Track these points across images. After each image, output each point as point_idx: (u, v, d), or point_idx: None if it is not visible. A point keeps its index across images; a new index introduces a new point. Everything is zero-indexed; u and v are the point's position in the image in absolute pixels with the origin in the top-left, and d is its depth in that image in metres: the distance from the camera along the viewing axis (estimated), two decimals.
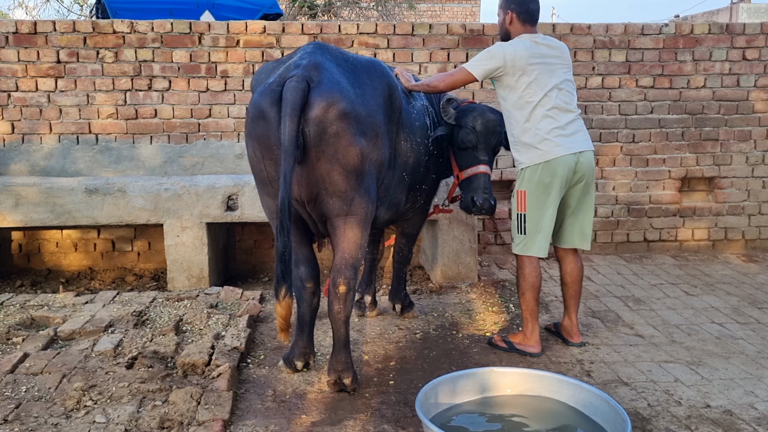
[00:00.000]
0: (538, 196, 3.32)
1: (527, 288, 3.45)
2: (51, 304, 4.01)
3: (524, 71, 3.27)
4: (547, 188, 3.31)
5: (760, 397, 3.01)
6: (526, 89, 3.28)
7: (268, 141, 2.78)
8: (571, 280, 3.58)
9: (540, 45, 3.34)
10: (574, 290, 3.58)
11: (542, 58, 3.31)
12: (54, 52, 5.19)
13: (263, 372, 3.25)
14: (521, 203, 3.38)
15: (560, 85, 3.32)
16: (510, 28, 3.42)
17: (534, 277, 3.43)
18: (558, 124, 3.29)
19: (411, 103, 3.51)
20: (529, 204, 3.35)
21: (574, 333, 3.60)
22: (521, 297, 3.48)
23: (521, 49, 3.29)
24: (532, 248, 3.39)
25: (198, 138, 5.38)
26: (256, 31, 5.29)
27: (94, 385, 2.90)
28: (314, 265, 3.18)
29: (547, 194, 3.32)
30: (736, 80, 5.65)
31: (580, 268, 3.58)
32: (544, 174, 3.29)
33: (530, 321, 3.46)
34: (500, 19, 3.47)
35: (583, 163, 3.34)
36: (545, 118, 3.28)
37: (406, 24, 5.42)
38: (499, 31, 3.51)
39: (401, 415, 2.82)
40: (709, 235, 5.76)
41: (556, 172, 3.28)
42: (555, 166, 3.27)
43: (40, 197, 4.56)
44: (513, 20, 3.40)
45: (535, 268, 3.44)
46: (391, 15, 15.54)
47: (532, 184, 3.32)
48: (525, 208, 3.37)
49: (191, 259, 4.63)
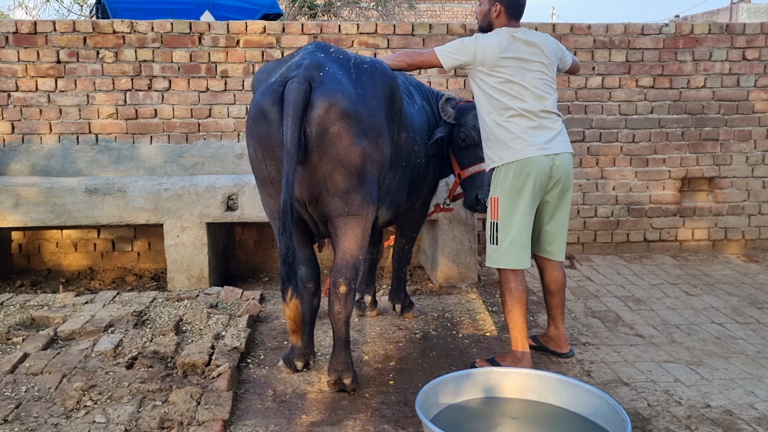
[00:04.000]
0: (511, 202, 3.11)
1: (514, 304, 3.17)
2: (51, 304, 4.01)
3: (494, 67, 3.08)
4: (519, 192, 3.09)
5: (760, 397, 3.01)
6: (499, 85, 3.09)
7: (270, 141, 2.78)
8: (556, 288, 3.38)
9: (517, 40, 3.13)
10: (560, 298, 3.40)
11: (517, 53, 3.10)
12: (54, 52, 5.19)
13: (263, 372, 3.25)
14: (494, 211, 3.16)
15: (536, 84, 3.12)
16: (495, 20, 3.21)
17: (521, 291, 3.16)
18: (531, 124, 3.09)
19: (412, 103, 3.52)
20: (502, 211, 3.13)
21: (563, 343, 3.43)
22: (508, 314, 3.19)
23: (494, 44, 3.10)
24: (505, 260, 3.15)
25: (198, 138, 5.38)
26: (256, 31, 5.29)
27: (94, 385, 2.90)
28: (314, 265, 3.19)
29: (519, 199, 3.10)
30: (736, 80, 5.65)
31: (564, 275, 3.41)
32: (517, 176, 3.08)
33: (520, 341, 3.18)
34: (484, 8, 3.24)
35: (559, 167, 3.13)
36: (518, 116, 3.09)
37: (406, 24, 5.42)
38: (481, 21, 3.29)
39: (401, 415, 2.82)
40: (709, 235, 5.76)
41: (529, 174, 3.07)
42: (527, 167, 3.07)
43: (40, 197, 4.56)
44: (500, 13, 3.20)
45: (521, 281, 3.18)
46: (391, 15, 15.54)
47: (504, 189, 3.11)
48: (497, 216, 3.14)
49: (191, 259, 4.63)
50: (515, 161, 3.09)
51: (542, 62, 3.18)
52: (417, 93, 3.67)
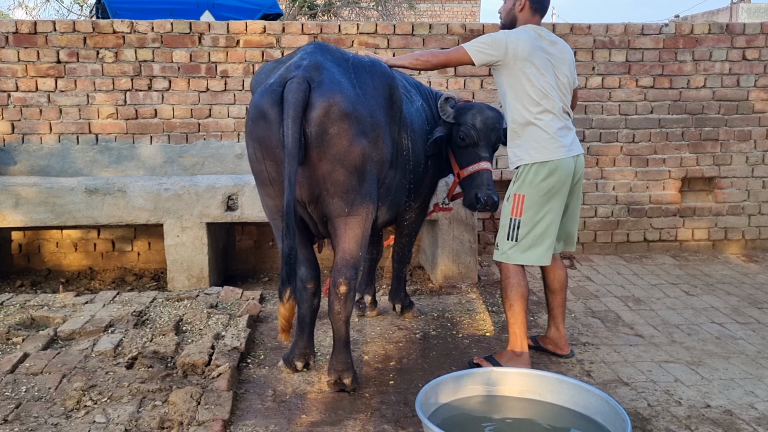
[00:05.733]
0: (539, 201, 3.12)
1: (517, 299, 3.17)
2: (51, 304, 4.01)
3: (526, 64, 3.08)
4: (548, 193, 3.11)
5: (760, 397, 3.01)
6: (530, 81, 3.09)
7: (269, 142, 2.78)
8: (559, 286, 3.40)
9: (543, 39, 3.16)
10: (561, 298, 3.41)
11: (545, 54, 3.13)
12: (54, 52, 5.19)
13: (263, 372, 3.25)
14: (517, 207, 3.15)
15: (562, 85, 3.17)
16: (519, 15, 3.21)
17: (524, 286, 3.18)
18: (560, 124, 3.13)
19: (412, 103, 3.51)
20: (527, 209, 3.13)
21: (563, 344, 3.43)
22: (509, 310, 3.19)
23: (525, 40, 3.09)
24: (522, 257, 3.16)
25: (198, 138, 5.38)
26: (256, 31, 5.29)
27: (94, 385, 2.90)
28: (315, 265, 3.18)
29: (548, 199, 3.12)
30: (736, 80, 5.65)
31: (566, 273, 3.43)
32: (547, 177, 3.09)
33: (520, 337, 3.18)
34: (508, 4, 3.25)
35: (579, 166, 3.22)
36: (547, 113, 3.10)
37: (406, 24, 5.42)
38: (504, 17, 3.28)
39: (401, 415, 2.82)
40: (709, 235, 5.76)
41: (561, 174, 3.10)
42: (559, 168, 3.10)
43: (40, 197, 4.56)
44: (525, 7, 3.19)
45: (524, 277, 3.20)
46: (391, 15, 15.55)
47: (533, 187, 3.12)
48: (521, 213, 3.14)
49: (191, 259, 4.63)
50: (548, 161, 3.11)
51: (566, 64, 3.22)
52: (416, 93, 3.67)
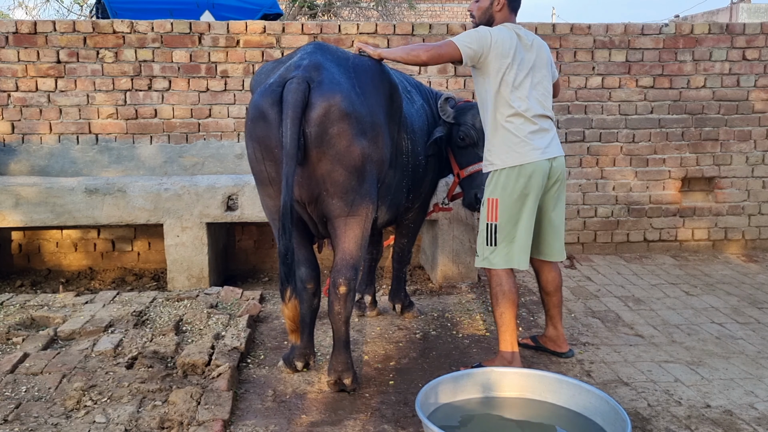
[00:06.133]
0: (512, 205, 3.10)
1: (507, 304, 3.13)
2: (51, 304, 4.01)
3: (504, 62, 3.04)
4: (521, 196, 3.09)
5: (760, 397, 3.01)
6: (505, 84, 3.06)
7: (269, 142, 2.78)
8: (553, 288, 3.39)
9: (521, 40, 3.12)
10: (557, 298, 3.40)
11: (522, 53, 3.09)
12: (54, 52, 5.19)
13: (263, 372, 3.25)
14: (492, 212, 3.13)
15: (537, 86, 3.12)
16: (497, 14, 3.17)
17: (514, 293, 3.14)
18: (532, 128, 3.08)
19: (412, 103, 3.51)
20: (501, 213, 3.11)
21: (562, 342, 3.43)
22: (500, 317, 3.14)
23: (506, 38, 3.06)
24: (502, 261, 3.14)
25: (198, 138, 5.38)
26: (256, 31, 5.29)
27: (94, 385, 2.90)
28: (314, 265, 3.18)
29: (522, 203, 3.10)
30: (736, 80, 5.64)
31: (560, 274, 3.42)
32: (519, 180, 3.07)
33: (510, 342, 3.14)
34: (485, 3, 3.18)
35: (555, 168, 3.16)
36: (523, 119, 3.07)
37: (406, 24, 5.42)
38: (480, 16, 3.21)
39: (401, 415, 2.82)
40: (709, 235, 5.76)
41: (532, 178, 3.07)
42: (530, 172, 3.06)
43: (40, 197, 4.56)
44: (503, 6, 3.15)
45: (514, 282, 3.17)
46: (391, 15, 15.54)
47: (506, 191, 3.09)
48: (496, 218, 3.11)
49: (191, 259, 4.64)
50: (519, 165, 3.07)
51: (543, 65, 3.18)
52: (416, 93, 3.67)
